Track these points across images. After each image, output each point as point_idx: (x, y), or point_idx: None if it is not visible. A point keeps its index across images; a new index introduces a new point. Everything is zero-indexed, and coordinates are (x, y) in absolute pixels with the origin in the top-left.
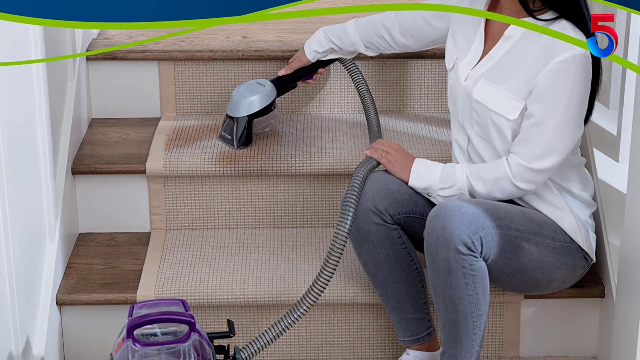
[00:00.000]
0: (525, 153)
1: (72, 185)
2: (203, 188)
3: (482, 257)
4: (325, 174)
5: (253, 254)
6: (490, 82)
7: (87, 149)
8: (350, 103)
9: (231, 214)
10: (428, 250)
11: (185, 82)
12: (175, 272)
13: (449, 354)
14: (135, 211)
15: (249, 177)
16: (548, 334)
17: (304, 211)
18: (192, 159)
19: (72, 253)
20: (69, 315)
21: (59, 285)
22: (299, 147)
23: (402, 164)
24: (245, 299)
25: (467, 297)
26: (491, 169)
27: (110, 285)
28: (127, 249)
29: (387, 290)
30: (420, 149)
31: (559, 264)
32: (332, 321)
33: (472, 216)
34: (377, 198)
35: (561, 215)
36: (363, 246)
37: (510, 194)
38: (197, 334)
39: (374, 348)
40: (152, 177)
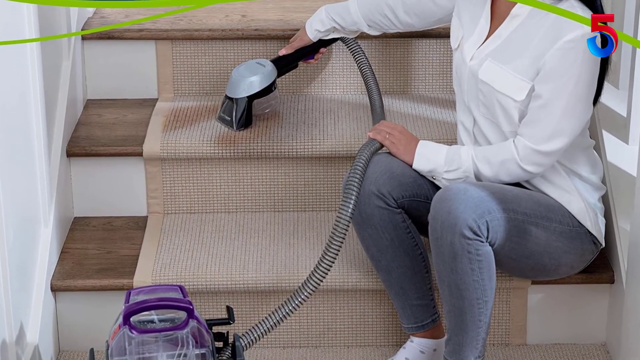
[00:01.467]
0: (533, 135)
1: (67, 168)
2: (201, 171)
3: (488, 242)
4: (327, 157)
5: (253, 239)
6: (496, 62)
7: (83, 131)
8: (353, 84)
9: (230, 198)
10: (433, 234)
11: (183, 62)
12: (173, 257)
13: (454, 341)
14: (131, 195)
15: (248, 160)
16: (556, 321)
17: (305, 194)
18: (191, 141)
19: (67, 238)
20: (64, 301)
21: (53, 271)
22: (300, 128)
23: (406, 146)
24: (244, 284)
25: (473, 282)
26: (497, 151)
27: (106, 270)
28: (123, 233)
29: (390, 276)
30: (425, 131)
31: (567, 249)
32: (334, 308)
33: (478, 200)
34: (381, 181)
35: (569, 199)
36: (366, 230)
37: (517, 177)
38: (196, 320)
39: (377, 335)
40: (149, 160)
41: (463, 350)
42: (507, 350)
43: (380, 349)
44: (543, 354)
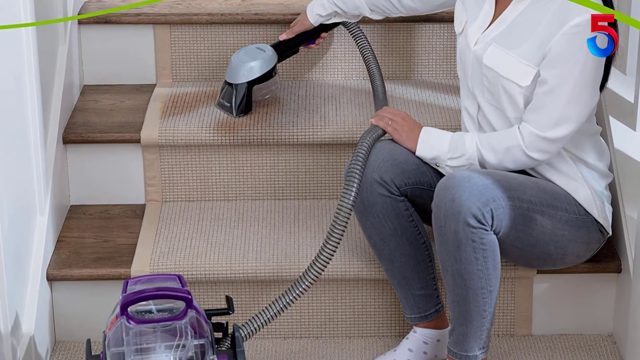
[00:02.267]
0: (538, 121)
1: (63, 155)
2: (200, 158)
3: (492, 230)
4: (328, 143)
5: (253, 227)
6: (501, 47)
7: (79, 117)
8: (355, 69)
9: (230, 185)
10: (436, 223)
11: (181, 47)
12: (171, 246)
13: (458, 331)
14: (129, 182)
15: (248, 147)
16: (562, 311)
17: (306, 182)
18: (189, 128)
19: (63, 226)
20: (60, 291)
21: (49, 260)
22: (300, 115)
23: (409, 132)
24: (244, 274)
25: (477, 272)
26: (502, 138)
27: (103, 259)
28: (120, 221)
29: (393, 265)
30: (428, 117)
31: (573, 238)
32: (336, 297)
33: (483, 187)
34: (383, 168)
35: (576, 187)
36: (368, 219)
37: (523, 164)
38: (194, 310)
39: (380, 325)
40: (147, 147)
41: (467, 341)
42: (512, 341)
43: (383, 339)
44: (549, 344)
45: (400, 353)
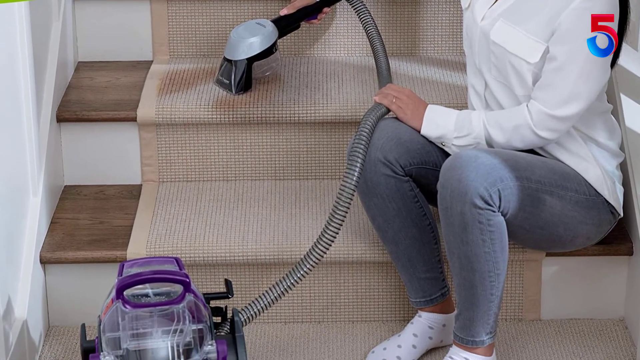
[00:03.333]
0: (547, 99)
1: (57, 133)
2: (199, 137)
3: (500, 212)
4: (330, 122)
5: (253, 208)
6: (509, 23)
7: (74, 95)
8: (358, 45)
9: (229, 165)
10: (442, 204)
11: (179, 22)
12: (168, 228)
13: (465, 316)
14: (125, 162)
15: (248, 125)
16: (571, 295)
17: (307, 162)
18: (187, 106)
19: (57, 207)
20: (54, 274)
21: (42, 242)
22: (302, 92)
23: (414, 110)
24: (244, 256)
25: (484, 254)
26: (510, 116)
27: (99, 242)
28: (116, 202)
29: (397, 248)
30: (434, 95)
31: (583, 219)
32: (339, 281)
33: (490, 167)
34: (387, 148)
35: (586, 167)
36: (372, 200)
37: (531, 143)
38: (192, 294)
39: (384, 310)
40: (143, 125)
41: (474, 326)
42: (520, 326)
43: (387, 324)
44: (558, 329)
45: (405, 338)
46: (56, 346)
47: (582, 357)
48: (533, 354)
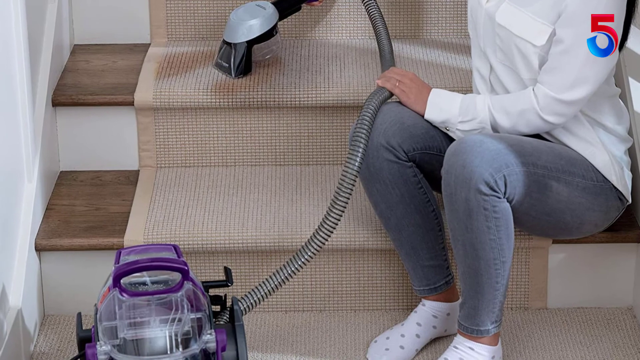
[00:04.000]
0: (554, 83)
1: (52, 118)
2: (197, 121)
3: (505, 198)
4: (332, 106)
5: (252, 194)
6: (514, 4)
7: (69, 79)
8: (360, 27)
9: (228, 150)
10: (446, 190)
11: (177, 4)
12: (166, 215)
13: (469, 304)
14: (122, 147)
15: (248, 110)
16: (579, 283)
17: (308, 147)
18: (185, 89)
19: (52, 193)
20: (49, 262)
21: (37, 229)
22: (303, 76)
23: (418, 94)
24: (243, 244)
25: (490, 242)
26: (516, 100)
27: (95, 228)
28: (113, 188)
29: (400, 235)
30: (438, 78)
31: (590, 206)
32: (340, 269)
33: (495, 152)
34: (390, 132)
35: (593, 152)
36: (374, 186)
37: (537, 127)
38: (191, 282)
39: (386, 298)
40: (141, 110)
41: (479, 315)
42: (527, 315)
43: (390, 313)
44: (565, 318)
45: (408, 327)
46: (52, 335)
47: (589, 346)
48: (539, 344)
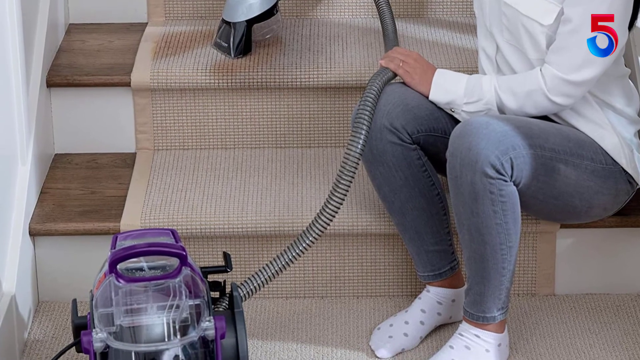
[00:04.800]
0: (562, 63)
1: (47, 99)
2: (196, 103)
3: (512, 181)
4: (334, 87)
5: (252, 178)
6: None
7: (64, 59)
8: (363, 6)
9: (227, 132)
10: (451, 173)
11: None
12: (164, 199)
13: (475, 290)
14: (118, 129)
15: (247, 91)
16: (587, 269)
17: (310, 129)
18: (183, 70)
19: (47, 176)
20: (44, 247)
21: (31, 213)
22: (304, 56)
23: (422, 75)
24: (243, 228)
25: (496, 226)
26: (523, 81)
27: (90, 213)
28: (109, 171)
29: (404, 219)
30: (443, 59)
31: (599, 189)
32: (343, 254)
33: (502, 134)
34: (394, 114)
35: (602, 134)
36: (377, 169)
37: (545, 109)
38: (189, 268)
39: (390, 284)
40: (137, 91)
41: (485, 301)
42: (534, 301)
43: (393, 299)
44: (573, 305)
45: (412, 314)
46: (46, 322)
47: (598, 334)
48: (547, 331)
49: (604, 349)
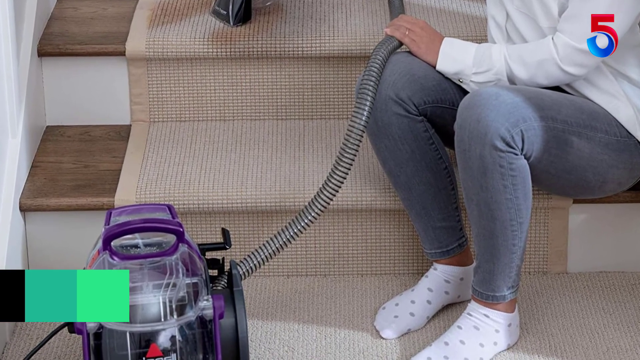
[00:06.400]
0: (575, 31)
1: (38, 69)
2: (193, 73)
3: (523, 155)
4: (337, 56)
5: (252, 151)
6: None
7: (56, 27)
8: None
9: (226, 104)
10: (459, 146)
11: None
12: (160, 173)
13: (484, 268)
14: (112, 100)
15: (247, 60)
16: (601, 246)
17: (312, 100)
18: (180, 38)
19: (38, 150)
20: (35, 222)
21: (22, 188)
22: (306, 24)
23: (429, 44)
24: (243, 203)
25: (506, 201)
26: (534, 50)
27: (84, 187)
28: (103, 144)
29: (410, 194)
30: (450, 27)
31: (613, 163)
32: (346, 230)
33: (512, 106)
34: (399, 84)
35: (617, 105)
36: (382, 141)
37: (557, 79)
38: (186, 245)
39: (395, 262)
40: (132, 60)
41: (494, 279)
42: (545, 279)
43: (399, 277)
44: (586, 283)
45: (419, 293)
46: None
47: (612, 313)
48: (559, 310)
49: (618, 330)
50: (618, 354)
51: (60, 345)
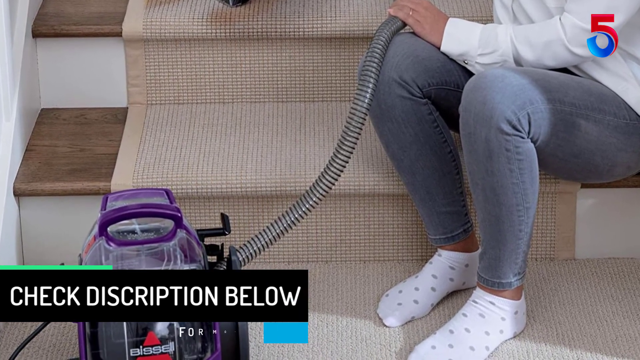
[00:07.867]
0: (582, 11)
1: (32, 50)
2: (191, 54)
3: (529, 138)
4: (339, 37)
5: (252, 134)
6: None
7: (51, 7)
8: None
9: (225, 86)
10: (464, 129)
11: None
12: (157, 156)
13: (490, 255)
14: (109, 82)
15: (247, 41)
16: (610, 231)
17: (313, 82)
18: (178, 19)
19: (32, 133)
20: (29, 208)
21: (16, 172)
22: (307, 4)
23: (433, 24)
24: (242, 188)
25: (512, 186)
26: (541, 30)
27: (79, 171)
28: (99, 127)
29: (414, 178)
30: (455, 7)
31: (622, 146)
32: (349, 216)
33: (518, 88)
34: (403, 66)
35: (626, 87)
36: (386, 124)
37: (564, 61)
38: (184, 230)
39: (399, 248)
40: (129, 41)
41: (500, 266)
42: (553, 266)
43: (403, 264)
44: (594, 269)
45: (423, 280)
46: None
47: (621, 300)
48: (566, 297)
49: (627, 317)
50: (627, 342)
51: (56, 333)
